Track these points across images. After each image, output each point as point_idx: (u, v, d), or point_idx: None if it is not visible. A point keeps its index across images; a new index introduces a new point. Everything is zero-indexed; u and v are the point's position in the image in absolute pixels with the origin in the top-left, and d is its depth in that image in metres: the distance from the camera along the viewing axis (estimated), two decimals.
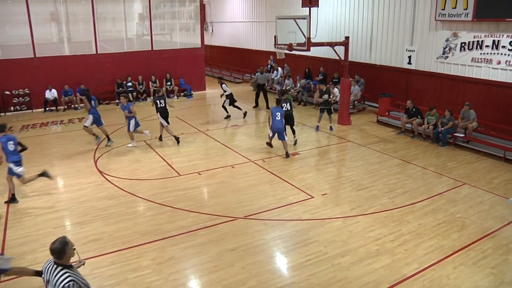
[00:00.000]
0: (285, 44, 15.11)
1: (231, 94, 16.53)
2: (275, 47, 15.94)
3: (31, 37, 18.89)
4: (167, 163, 11.83)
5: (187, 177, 10.77)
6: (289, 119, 13.07)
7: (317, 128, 14.81)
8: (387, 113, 15.86)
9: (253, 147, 13.03)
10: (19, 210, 9.22)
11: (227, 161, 11.84)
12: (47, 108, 19.13)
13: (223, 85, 16.39)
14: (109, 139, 13.61)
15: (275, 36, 15.85)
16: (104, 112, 16.74)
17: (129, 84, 20.44)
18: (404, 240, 7.64)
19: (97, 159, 12.32)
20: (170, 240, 7.78)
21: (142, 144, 13.55)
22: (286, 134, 12.48)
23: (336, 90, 16.56)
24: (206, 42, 24.43)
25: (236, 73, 26.91)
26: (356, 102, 17.53)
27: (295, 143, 13.30)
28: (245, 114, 16.88)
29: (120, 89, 20.18)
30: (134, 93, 20.31)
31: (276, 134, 12.35)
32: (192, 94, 21.87)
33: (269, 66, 22.72)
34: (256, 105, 18.97)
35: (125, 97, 13.38)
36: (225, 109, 16.84)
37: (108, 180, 10.68)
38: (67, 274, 4.19)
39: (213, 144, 13.45)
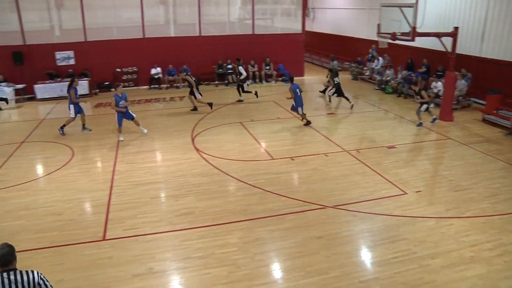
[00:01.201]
0: (388, 33, 14.53)
1: (338, 84, 16.37)
2: (377, 35, 15.42)
3: (141, 19, 20.15)
4: (261, 146, 12.06)
5: (279, 161, 10.90)
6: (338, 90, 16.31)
7: (420, 124, 14.13)
8: (495, 112, 14.68)
9: (348, 137, 12.82)
10: (123, 178, 10.01)
11: (321, 149, 11.79)
12: (152, 86, 20.39)
13: (335, 78, 16.32)
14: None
15: (378, 24, 15.31)
16: (204, 92, 17.45)
17: (229, 66, 21.01)
18: (505, 251, 7.08)
19: (195, 136, 12.91)
20: (258, 221, 7.97)
21: (237, 126, 13.91)
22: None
23: (439, 83, 15.67)
24: (306, 28, 24.22)
25: (336, 61, 26.49)
26: (460, 97, 16.40)
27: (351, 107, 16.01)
28: (352, 106, 16.36)
29: (220, 70, 20.84)
30: (233, 76, 20.84)
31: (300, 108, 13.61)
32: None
33: (370, 55, 22.06)
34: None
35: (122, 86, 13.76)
36: (329, 98, 17.00)
37: (204, 158, 11.16)
38: (30, 271, 4.01)
39: (308, 131, 13.43)
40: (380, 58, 21.20)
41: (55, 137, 13.21)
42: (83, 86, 18.57)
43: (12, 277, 3.90)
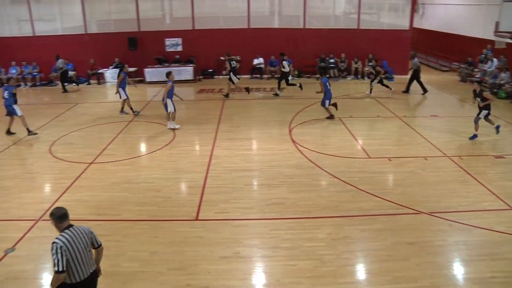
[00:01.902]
0: (508, 32, 13.33)
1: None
2: (494, 34, 14.22)
3: (247, 9, 20.54)
4: (358, 143, 11.75)
5: (376, 161, 10.55)
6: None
7: (497, 130, 12.28)
8: None
9: (451, 141, 12.01)
10: (219, 163, 10.32)
11: (420, 152, 11.20)
12: (253, 75, 20.76)
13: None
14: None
15: (496, 22, 14.10)
16: (305, 85, 17.41)
17: (331, 60, 20.71)
18: None
19: (292, 128, 12.92)
20: (349, 219, 7.79)
21: (336, 121, 13.69)
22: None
23: None
24: (414, 25, 23.02)
25: (444, 61, 24.96)
26: None
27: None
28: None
29: (322, 64, 20.60)
30: (335, 70, 20.50)
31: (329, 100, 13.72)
32: (393, 77, 21.11)
33: (483, 56, 20.41)
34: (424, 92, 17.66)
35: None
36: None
37: (299, 150, 11.13)
38: (81, 226, 4.76)
39: (408, 132, 12.83)
40: (495, 59, 19.47)
41: (160, 118, 13.96)
42: (188, 72, 19.47)
43: (77, 230, 4.63)
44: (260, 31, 20.91)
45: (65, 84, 19.16)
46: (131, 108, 14.95)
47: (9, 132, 12.87)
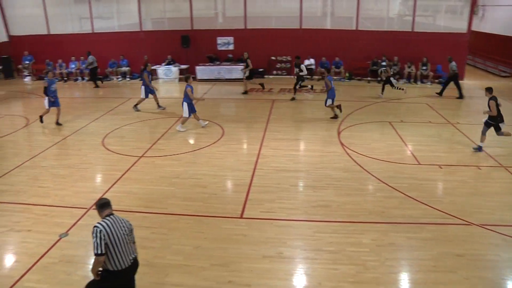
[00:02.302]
0: None
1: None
2: None
3: (300, 10, 20.47)
4: (408, 148, 11.46)
5: (426, 168, 10.24)
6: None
7: (479, 149, 11.35)
8: None
9: (507, 151, 11.48)
10: (266, 163, 10.37)
11: (473, 160, 10.77)
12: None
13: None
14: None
15: None
16: (355, 87, 17.18)
17: (384, 63, 20.27)
18: None
19: (341, 131, 12.77)
20: (395, 226, 7.61)
21: (386, 125, 13.41)
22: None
23: None
24: (473, 28, 22.11)
25: (503, 66, 23.87)
26: None
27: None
28: None
29: (374, 67, 20.22)
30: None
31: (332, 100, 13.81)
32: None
33: None
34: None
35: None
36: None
37: (347, 153, 10.99)
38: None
39: (461, 139, 12.37)
40: None
41: (209, 116, 14.17)
42: (239, 71, 19.61)
43: (117, 218, 4.94)
44: (312, 31, 20.78)
45: (97, 80, 20.23)
46: (158, 104, 15.54)
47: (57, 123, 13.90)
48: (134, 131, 13.03)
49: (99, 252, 4.66)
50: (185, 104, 12.88)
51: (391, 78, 17.05)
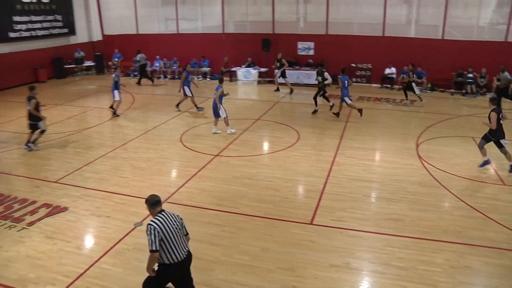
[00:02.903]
0: None
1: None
2: None
3: (383, 17, 20.04)
4: (491, 167, 10.77)
5: (511, 189, 9.62)
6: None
7: (486, 163, 10.51)
8: None
9: None
10: (340, 170, 10.27)
11: None
12: (383, 85, 20.18)
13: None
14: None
15: None
16: (437, 99, 16.51)
17: (470, 75, 19.23)
18: None
19: (420, 143, 12.32)
20: (472, 248, 7.22)
21: (469, 141, 12.72)
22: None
23: None
24: None
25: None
26: None
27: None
28: None
29: (459, 79, 19.26)
30: (473, 86, 19.01)
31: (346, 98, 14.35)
32: None
33: None
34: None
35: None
36: None
37: (425, 167, 10.58)
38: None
39: None
40: None
41: (286, 119, 14.29)
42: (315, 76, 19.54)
43: (169, 214, 5.18)
44: (395, 39, 20.19)
45: (146, 77, 21.43)
46: (195, 105, 15.80)
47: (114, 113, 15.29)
48: (211, 129, 13.42)
49: (154, 248, 4.91)
50: (218, 105, 12.91)
51: (413, 84, 16.45)
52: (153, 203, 5.20)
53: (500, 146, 10.34)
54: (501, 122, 10.09)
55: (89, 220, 8.22)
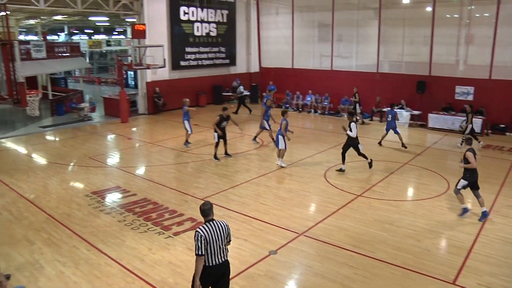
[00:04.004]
0: None
1: None
2: None
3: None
4: None
5: None
6: None
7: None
8: None
9: None
10: (494, 230, 9.28)
11: None
12: None
13: None
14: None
15: None
16: None
17: None
18: None
19: None
20: None
21: None
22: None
23: None
24: None
25: None
26: None
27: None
28: None
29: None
30: None
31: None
32: None
33: None
34: None
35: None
36: None
37: None
38: (221, 220, 5.79)
39: None
40: None
41: (434, 167, 13.51)
42: (476, 123, 18.12)
43: (218, 223, 5.64)
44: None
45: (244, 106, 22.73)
46: (272, 139, 15.64)
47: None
48: (355, 169, 13.31)
49: (199, 253, 5.47)
50: (280, 137, 13.30)
51: None
52: (203, 210, 5.67)
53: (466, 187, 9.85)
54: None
55: None
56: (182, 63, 24.33)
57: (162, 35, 22.88)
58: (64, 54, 26.99)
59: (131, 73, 33.19)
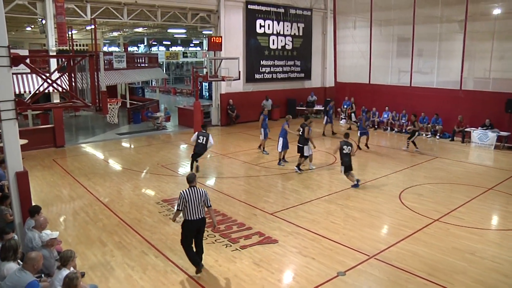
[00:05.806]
0: None
1: None
2: None
3: None
4: None
5: None
6: None
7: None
8: None
9: None
10: None
11: None
12: None
13: None
14: None
15: None
16: None
17: None
18: None
19: None
20: None
21: None
22: None
23: None
24: None
25: None
26: None
27: None
28: None
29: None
30: None
31: None
32: None
33: None
34: None
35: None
36: None
37: None
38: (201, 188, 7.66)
39: None
40: None
41: None
42: None
43: (197, 189, 7.47)
44: None
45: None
46: (263, 148, 16.71)
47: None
48: (433, 192, 12.40)
49: (178, 208, 7.44)
50: (280, 139, 14.62)
51: None
52: (189, 179, 7.60)
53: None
54: None
55: (295, 257, 8.40)
56: (257, 75, 24.45)
57: (238, 48, 23.17)
58: (143, 65, 28.18)
59: (205, 84, 33.99)
